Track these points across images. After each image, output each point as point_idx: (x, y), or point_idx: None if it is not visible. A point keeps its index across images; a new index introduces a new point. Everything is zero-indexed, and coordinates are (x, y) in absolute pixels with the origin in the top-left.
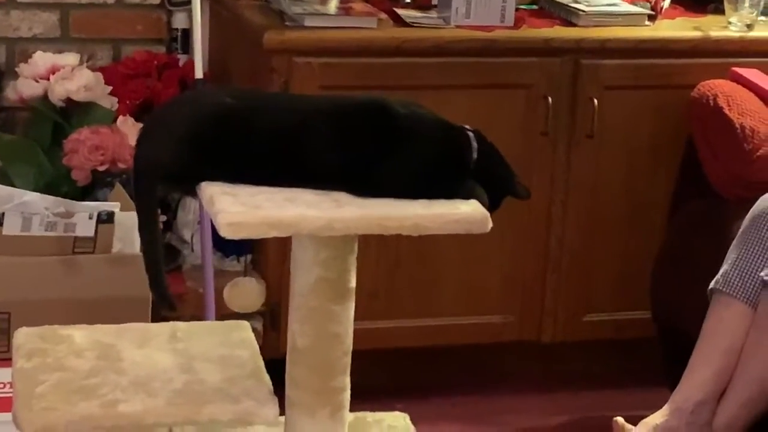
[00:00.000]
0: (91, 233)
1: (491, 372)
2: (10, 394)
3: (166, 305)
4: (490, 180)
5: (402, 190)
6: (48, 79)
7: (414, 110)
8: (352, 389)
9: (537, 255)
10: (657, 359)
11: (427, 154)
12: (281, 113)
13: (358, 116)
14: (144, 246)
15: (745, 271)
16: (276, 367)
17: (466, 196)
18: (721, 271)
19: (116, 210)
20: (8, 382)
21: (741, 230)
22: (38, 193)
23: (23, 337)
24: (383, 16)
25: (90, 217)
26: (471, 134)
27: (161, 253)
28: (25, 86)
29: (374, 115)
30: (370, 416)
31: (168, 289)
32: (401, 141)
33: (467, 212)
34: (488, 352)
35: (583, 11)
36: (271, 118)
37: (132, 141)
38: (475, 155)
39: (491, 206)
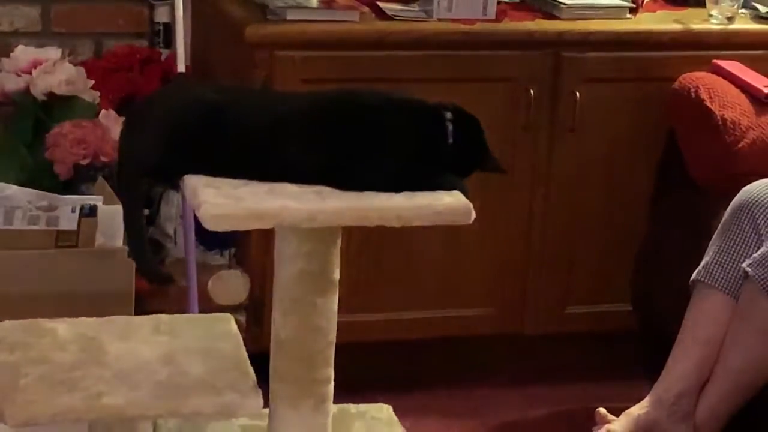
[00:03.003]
0: (73, 227)
1: (473, 364)
2: None
3: (162, 281)
4: (466, 158)
5: (380, 181)
6: (30, 74)
7: (387, 99)
8: (335, 382)
9: (519, 248)
10: (638, 351)
11: (400, 143)
12: (261, 108)
13: (332, 110)
14: (129, 237)
15: (727, 262)
16: (260, 359)
17: (449, 188)
18: (703, 262)
19: (99, 204)
20: None
21: (722, 222)
22: (20, 187)
23: (6, 330)
24: (365, 9)
25: (73, 211)
26: (447, 113)
27: (147, 242)
28: (6, 80)
29: (346, 108)
30: (353, 408)
31: (159, 269)
32: (374, 133)
33: (450, 203)
34: (470, 345)
35: (565, 4)
36: (251, 113)
37: (114, 135)
38: (450, 138)
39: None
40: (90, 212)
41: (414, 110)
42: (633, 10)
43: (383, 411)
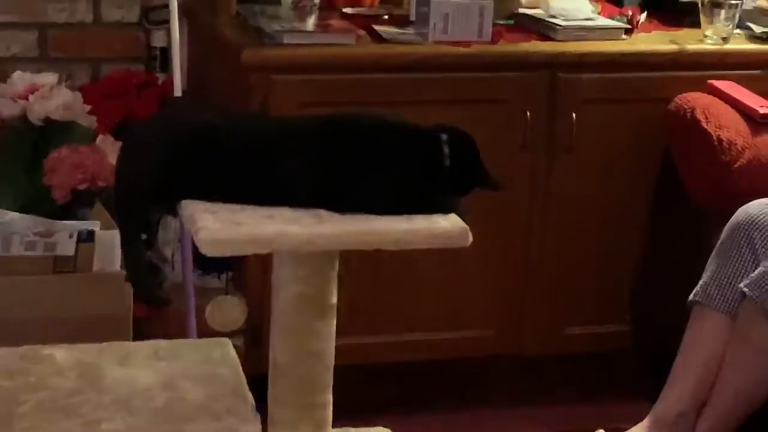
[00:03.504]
0: (71, 252)
1: (473, 386)
2: None
3: (160, 304)
4: (463, 178)
5: (378, 205)
6: (27, 99)
7: (383, 122)
8: (334, 405)
9: (517, 269)
10: (638, 371)
11: (397, 166)
12: (258, 132)
13: (328, 134)
14: (128, 261)
15: (724, 282)
16: (258, 384)
17: (446, 211)
18: (701, 282)
19: (96, 229)
20: None
21: (719, 242)
22: (18, 213)
23: (4, 356)
24: (361, 32)
25: (70, 236)
26: (443, 135)
27: (145, 266)
28: (3, 106)
29: (342, 132)
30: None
31: (157, 292)
32: (370, 157)
33: (447, 227)
34: (469, 367)
35: (560, 26)
36: (248, 137)
37: (112, 159)
38: (447, 160)
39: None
40: (87, 237)
41: (410, 133)
42: (628, 31)
43: None
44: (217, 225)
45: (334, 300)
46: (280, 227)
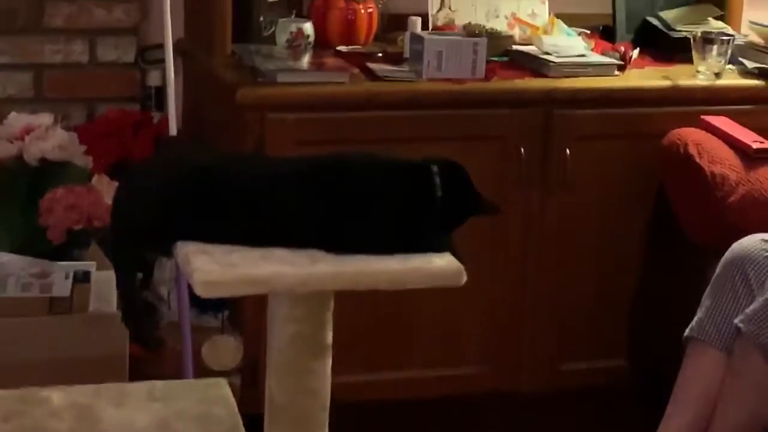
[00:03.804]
0: (67, 293)
1: (470, 423)
2: None
3: (155, 345)
4: (458, 208)
5: (371, 244)
6: (22, 140)
7: (374, 160)
8: None
9: (512, 305)
10: (635, 406)
11: (390, 205)
12: (252, 173)
13: (320, 175)
14: (123, 302)
15: (719, 318)
16: (255, 423)
17: (440, 249)
18: (696, 318)
19: (92, 269)
20: None
21: (714, 277)
22: (14, 254)
23: (1, 399)
24: (355, 70)
25: (66, 277)
26: (434, 167)
27: (141, 307)
28: None
29: (334, 173)
30: None
31: (152, 333)
32: (363, 196)
33: (441, 266)
34: (466, 404)
35: (553, 62)
36: (242, 178)
37: (108, 199)
38: (439, 191)
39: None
40: (83, 278)
41: (401, 168)
42: (621, 68)
43: None
44: (212, 266)
45: (330, 339)
46: (275, 268)
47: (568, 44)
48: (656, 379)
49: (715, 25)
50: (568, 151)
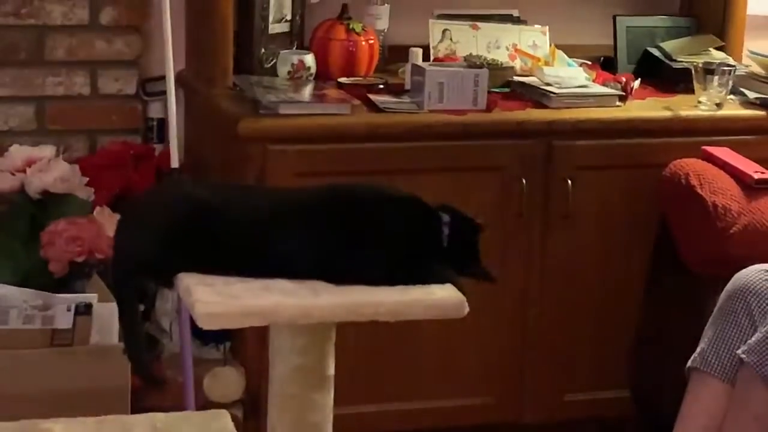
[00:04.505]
0: (69, 325)
1: None
2: None
3: (154, 384)
4: (457, 262)
5: (374, 278)
6: (24, 172)
7: (382, 195)
8: None
9: (515, 336)
10: None
11: (395, 242)
12: (254, 206)
13: (325, 207)
14: (125, 335)
15: (722, 348)
16: None
17: (442, 281)
18: (698, 349)
19: (94, 302)
20: None
21: (717, 308)
22: (15, 287)
23: (2, 430)
24: (356, 102)
25: (68, 309)
26: (446, 217)
27: (143, 340)
28: (1, 180)
29: (340, 205)
30: None
31: (153, 370)
32: (369, 231)
33: (443, 297)
34: None
35: (555, 93)
36: (244, 210)
37: (109, 231)
38: (445, 242)
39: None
40: (85, 310)
41: (411, 209)
42: (622, 98)
43: None
44: (214, 298)
45: (332, 371)
46: (277, 300)
47: (569, 75)
48: (659, 410)
49: (716, 55)
50: (569, 182)
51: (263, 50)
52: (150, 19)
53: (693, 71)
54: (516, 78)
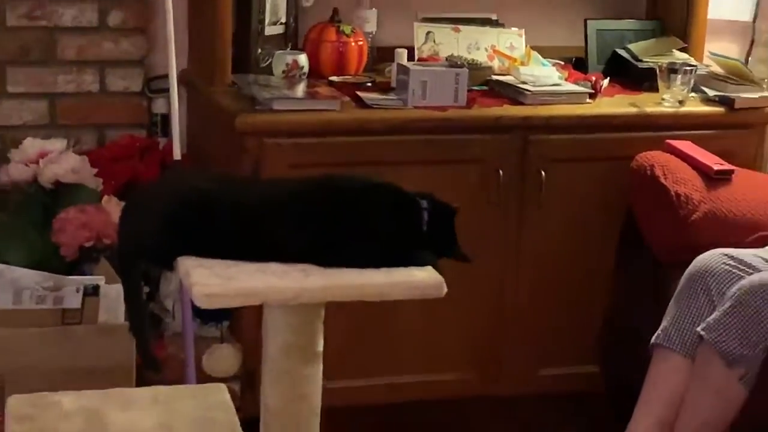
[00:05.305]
0: (78, 305)
1: (455, 425)
2: None
3: (152, 367)
4: (436, 245)
5: (360, 261)
6: (37, 164)
7: (367, 185)
8: None
9: (493, 315)
10: (606, 409)
11: (379, 228)
12: (250, 195)
13: (315, 196)
14: (129, 315)
15: (683, 326)
16: (253, 426)
17: (423, 264)
18: (661, 327)
19: (101, 283)
20: None
21: (678, 289)
22: (28, 269)
23: (15, 403)
24: (346, 98)
25: (77, 291)
26: (424, 203)
27: (146, 321)
28: (15, 171)
29: (329, 194)
30: None
31: (153, 353)
32: (355, 218)
33: (423, 279)
34: (452, 407)
35: (530, 91)
36: (241, 199)
37: (116, 219)
38: (425, 226)
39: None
40: (93, 291)
41: (393, 197)
42: (592, 96)
43: None
44: (211, 280)
45: (321, 347)
46: (270, 282)
47: (544, 74)
48: (626, 383)
49: (679, 56)
50: (542, 173)
51: (260, 51)
52: (154, 21)
53: (657, 71)
54: (494, 77)
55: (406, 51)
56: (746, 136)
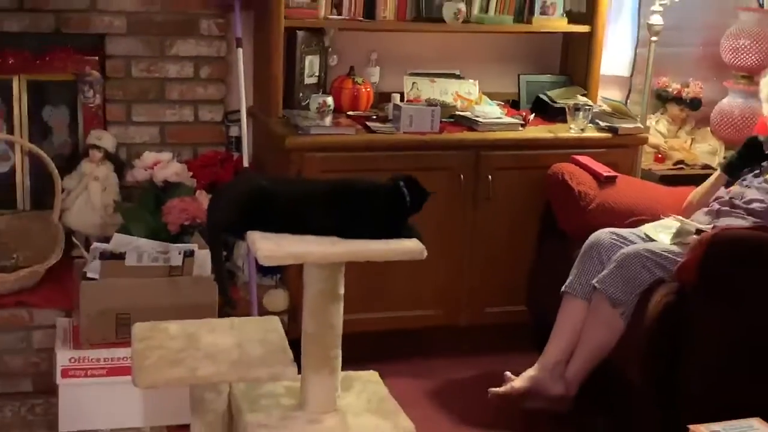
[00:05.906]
0: (180, 263)
1: (427, 345)
2: (130, 364)
3: (229, 305)
4: (417, 203)
5: (366, 234)
6: (152, 169)
7: (367, 183)
8: (342, 357)
9: (455, 271)
10: (531, 336)
11: (378, 210)
12: (295, 190)
13: (335, 192)
14: (214, 270)
15: (583, 280)
16: (297, 345)
17: (409, 236)
18: (568, 280)
19: (196, 249)
20: (129, 357)
21: (579, 254)
22: (147, 239)
23: (137, 328)
24: (359, 126)
25: (179, 253)
26: (401, 183)
27: (225, 274)
28: (137, 173)
29: (343, 191)
30: (353, 374)
31: (230, 296)
32: (360, 205)
33: (410, 246)
34: (425, 333)
35: (481, 122)
36: (288, 194)
37: (205, 206)
38: (408, 199)
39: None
40: (190, 254)
41: (385, 188)
42: (523, 125)
43: (373, 376)
44: (270, 246)
45: (342, 291)
46: (309, 248)
47: (490, 111)
48: (544, 319)
49: (582, 99)
50: (490, 177)
51: (301, 94)
52: (231, 74)
53: (567, 109)
54: (458, 112)
55: (398, 95)
56: (626, 153)
